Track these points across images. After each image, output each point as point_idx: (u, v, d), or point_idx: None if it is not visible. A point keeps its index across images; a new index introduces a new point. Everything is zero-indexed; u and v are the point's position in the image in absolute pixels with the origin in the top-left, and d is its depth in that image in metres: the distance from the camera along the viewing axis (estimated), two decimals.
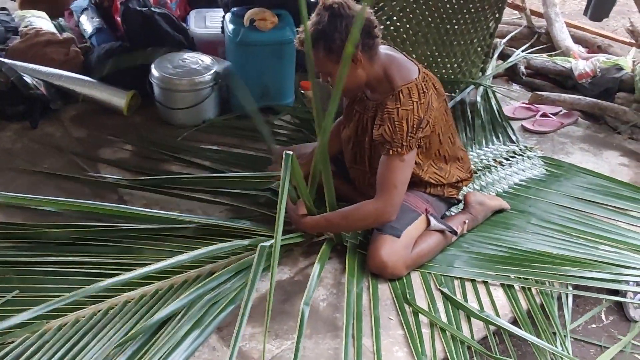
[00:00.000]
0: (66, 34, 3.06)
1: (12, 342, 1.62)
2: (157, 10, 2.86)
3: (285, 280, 1.94)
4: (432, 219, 2.01)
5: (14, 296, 1.75)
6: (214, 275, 1.82)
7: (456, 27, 2.93)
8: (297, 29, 1.88)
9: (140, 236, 2.01)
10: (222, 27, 2.96)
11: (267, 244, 1.70)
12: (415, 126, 1.84)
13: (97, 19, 3.20)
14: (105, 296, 1.78)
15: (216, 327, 1.71)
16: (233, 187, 2.29)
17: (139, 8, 2.80)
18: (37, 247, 1.95)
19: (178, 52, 2.81)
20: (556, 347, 1.75)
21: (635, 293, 2.04)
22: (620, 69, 3.08)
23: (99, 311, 1.74)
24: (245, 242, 1.95)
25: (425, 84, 1.88)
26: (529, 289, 1.94)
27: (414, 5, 2.74)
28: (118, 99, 2.77)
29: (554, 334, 1.82)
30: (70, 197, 2.22)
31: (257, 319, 1.78)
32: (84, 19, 3.24)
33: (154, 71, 2.69)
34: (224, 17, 2.92)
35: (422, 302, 1.87)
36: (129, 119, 2.80)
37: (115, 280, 1.69)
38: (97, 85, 2.80)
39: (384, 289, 1.91)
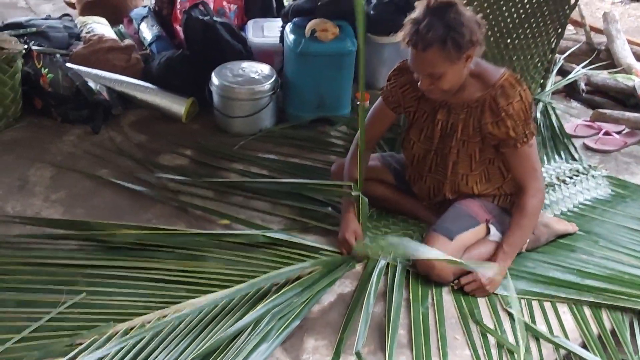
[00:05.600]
0: (127, 41, 3.11)
1: (81, 344, 1.63)
2: (218, 19, 2.88)
3: (347, 294, 1.91)
4: (492, 227, 1.98)
5: (81, 299, 1.76)
6: (282, 291, 1.80)
7: (516, 41, 2.88)
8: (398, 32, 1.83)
9: (203, 242, 2.01)
10: (280, 37, 2.97)
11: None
12: (529, 111, 1.88)
13: (157, 27, 3.24)
14: (170, 302, 1.78)
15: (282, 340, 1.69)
16: (293, 199, 2.28)
17: (201, 17, 2.83)
18: (103, 250, 1.97)
19: (238, 61, 2.82)
20: None
21: None
22: None
23: (165, 316, 1.74)
24: (307, 263, 1.97)
25: (515, 75, 1.90)
26: (600, 313, 1.87)
27: None
28: (178, 105, 2.80)
29: None
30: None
31: (320, 331, 1.77)
32: (143, 26, 3.29)
33: (215, 79, 2.71)
34: (283, 27, 2.93)
35: (488, 322, 1.83)
36: (187, 126, 2.82)
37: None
38: (158, 92, 2.84)
39: (449, 307, 1.87)
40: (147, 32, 3.23)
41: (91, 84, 2.73)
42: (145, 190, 2.35)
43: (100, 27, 3.24)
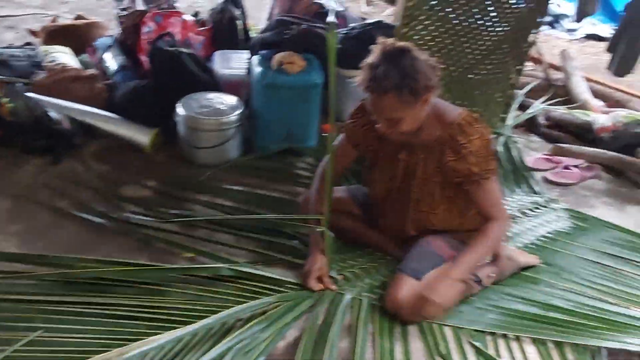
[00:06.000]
0: (91, 70, 3.07)
1: None
2: (184, 50, 2.88)
3: (312, 329, 1.88)
4: None
5: (38, 336, 1.69)
6: (246, 326, 1.77)
7: (479, 77, 2.95)
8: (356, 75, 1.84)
9: (166, 276, 1.97)
10: (248, 69, 2.98)
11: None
12: (488, 148, 1.91)
13: (121, 57, 3.22)
14: (131, 339, 1.72)
15: None
16: (259, 232, 2.26)
17: (166, 48, 2.82)
18: (61, 285, 1.90)
19: (204, 92, 2.82)
20: None
21: None
22: None
23: (123, 354, 1.68)
24: (273, 297, 1.93)
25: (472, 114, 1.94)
26: (562, 346, 1.89)
27: (438, 55, 2.76)
28: (142, 136, 2.77)
29: None
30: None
31: None
32: (107, 56, 3.26)
33: (180, 110, 2.70)
34: (250, 59, 2.94)
35: (454, 355, 1.82)
36: (151, 157, 2.79)
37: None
38: (122, 122, 2.80)
39: (415, 341, 1.87)
40: (112, 61, 3.20)
41: (53, 113, 2.68)
42: (107, 223, 2.30)
43: (63, 56, 3.19)
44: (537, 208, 2.64)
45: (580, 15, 3.68)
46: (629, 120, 3.14)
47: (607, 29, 5.45)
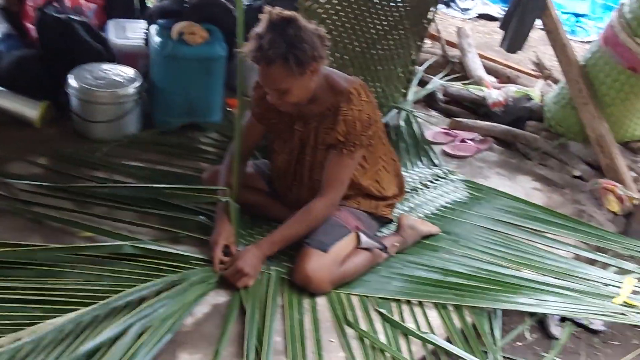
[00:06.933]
0: None
1: None
2: (75, 17, 2.70)
3: (222, 304, 1.86)
4: (362, 236, 2.02)
5: None
6: (150, 302, 1.72)
7: (380, 52, 3.00)
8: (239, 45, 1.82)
9: (62, 256, 1.86)
10: (146, 40, 2.85)
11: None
12: (366, 125, 1.91)
13: (5, 25, 2.96)
14: (25, 323, 1.62)
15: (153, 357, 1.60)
16: (162, 207, 2.18)
17: (55, 15, 2.63)
18: None
19: (98, 62, 2.66)
20: None
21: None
22: (530, 99, 3.29)
23: (17, 339, 1.57)
24: (176, 275, 1.88)
25: (366, 87, 1.95)
26: (461, 308, 1.99)
27: (341, 29, 2.78)
28: (30, 109, 2.58)
29: (485, 352, 1.87)
30: None
31: (195, 344, 1.70)
32: None
33: (72, 81, 2.53)
34: (147, 28, 2.81)
35: (362, 323, 1.87)
36: (41, 132, 2.61)
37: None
38: (7, 95, 2.60)
39: (324, 311, 1.89)
40: None
41: None
42: None
43: None
44: (437, 180, 2.74)
45: None
46: (519, 95, 3.32)
47: (497, 9, 5.74)
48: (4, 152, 2.44)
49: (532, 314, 2.16)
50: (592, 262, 2.35)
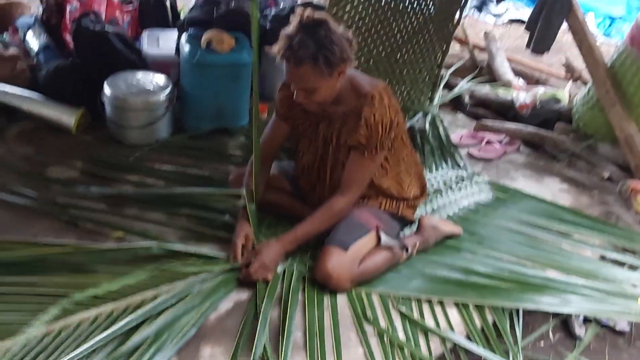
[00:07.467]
0: (12, 50, 2.97)
1: None
2: (110, 29, 2.82)
3: (244, 301, 1.92)
4: (382, 235, 2.05)
5: None
6: (177, 301, 1.79)
7: (406, 56, 3.03)
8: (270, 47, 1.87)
9: (94, 256, 1.95)
10: (176, 48, 2.95)
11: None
12: (387, 128, 1.94)
13: (45, 36, 3.12)
14: (57, 317, 1.71)
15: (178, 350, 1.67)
16: (190, 208, 2.26)
17: (91, 26, 2.75)
18: None
19: (131, 71, 2.77)
20: None
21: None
22: (559, 101, 3.27)
23: (49, 333, 1.67)
24: (201, 274, 1.94)
25: (389, 90, 1.99)
26: (482, 307, 1.99)
27: (366, 35, 2.83)
28: (67, 116, 2.70)
29: (506, 352, 1.88)
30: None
31: (218, 338, 1.76)
32: (30, 35, 3.15)
33: (107, 89, 2.65)
34: (178, 38, 2.92)
35: (381, 321, 1.90)
36: (78, 138, 2.73)
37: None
38: (46, 103, 2.73)
39: (344, 309, 1.93)
40: (34, 41, 3.09)
41: None
42: (31, 204, 2.24)
43: None
44: (461, 181, 2.75)
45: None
46: (547, 97, 3.30)
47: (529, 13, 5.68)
48: (43, 157, 2.56)
49: (556, 315, 2.15)
50: (618, 263, 2.33)
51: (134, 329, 1.70)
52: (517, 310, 2.03)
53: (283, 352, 1.69)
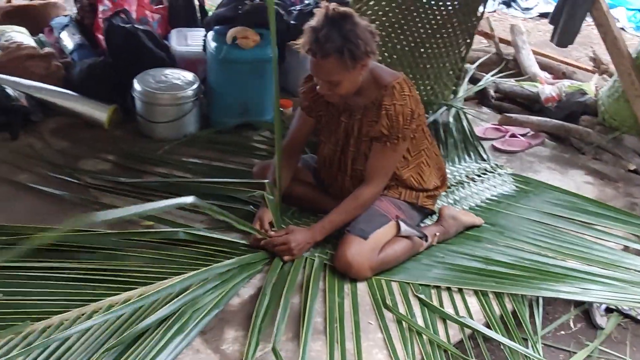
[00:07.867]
0: (47, 49, 3.09)
1: None
2: (140, 27, 2.91)
3: (265, 285, 1.98)
4: (402, 224, 2.08)
5: None
6: (199, 284, 1.86)
7: (429, 51, 3.05)
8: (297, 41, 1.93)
9: (124, 242, 2.03)
10: (204, 46, 3.04)
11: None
12: (409, 118, 1.98)
13: (78, 36, 3.24)
14: (89, 300, 1.79)
15: (200, 331, 1.74)
16: (215, 198, 2.33)
17: (122, 24, 2.85)
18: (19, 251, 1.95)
19: (160, 68, 2.86)
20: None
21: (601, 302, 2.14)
22: (584, 93, 3.25)
23: (83, 314, 1.75)
24: (225, 260, 2.01)
25: (409, 81, 2.03)
26: (502, 295, 2.01)
27: (390, 29, 2.86)
28: (100, 112, 2.81)
29: (525, 339, 1.89)
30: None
31: (241, 322, 1.82)
32: (64, 35, 3.28)
33: (137, 85, 2.74)
34: (205, 35, 3.00)
35: (400, 308, 1.93)
36: (109, 133, 2.83)
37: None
38: (79, 99, 2.84)
39: (364, 295, 1.97)
40: (69, 40, 3.22)
41: (9, 90, 2.70)
42: (66, 194, 2.34)
43: (19, 35, 3.19)
44: (484, 174, 2.76)
45: None
46: (572, 90, 3.29)
47: None
48: (77, 150, 2.68)
49: (577, 304, 2.16)
50: None
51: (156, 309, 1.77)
52: (537, 300, 2.05)
53: (303, 336, 1.74)
